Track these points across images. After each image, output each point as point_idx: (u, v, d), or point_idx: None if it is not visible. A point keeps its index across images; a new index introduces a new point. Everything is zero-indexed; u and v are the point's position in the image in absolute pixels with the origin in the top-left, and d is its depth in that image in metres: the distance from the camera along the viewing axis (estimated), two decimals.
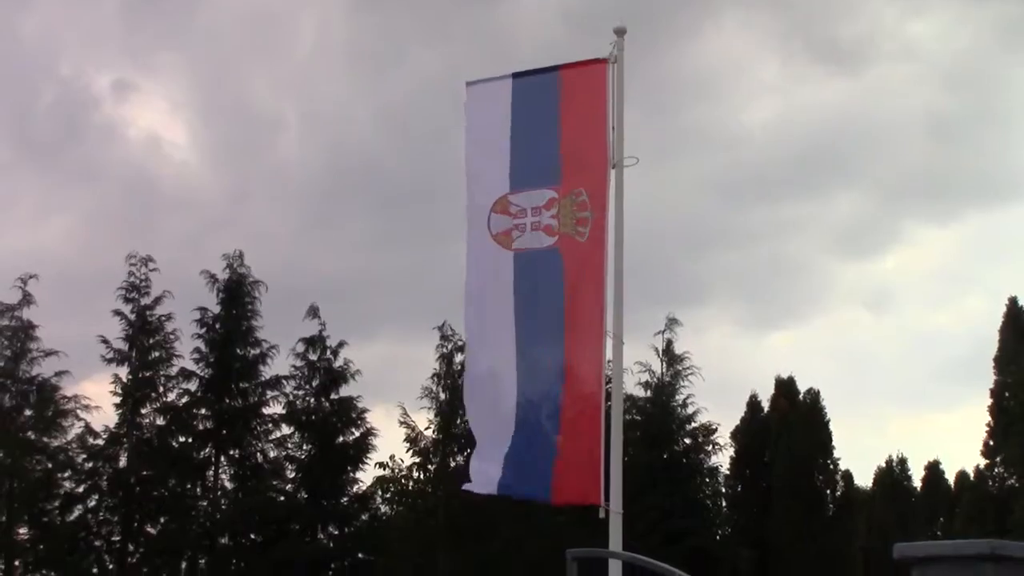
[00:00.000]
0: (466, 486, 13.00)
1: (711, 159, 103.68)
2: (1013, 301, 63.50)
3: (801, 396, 61.45)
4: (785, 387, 61.69)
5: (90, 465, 42.08)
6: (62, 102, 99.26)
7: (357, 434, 45.07)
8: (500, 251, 12.86)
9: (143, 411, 42.86)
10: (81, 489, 42.10)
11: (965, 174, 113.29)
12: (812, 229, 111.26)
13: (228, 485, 43.96)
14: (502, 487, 12.66)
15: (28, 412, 41.49)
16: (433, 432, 45.82)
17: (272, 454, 44.34)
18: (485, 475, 12.76)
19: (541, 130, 13.09)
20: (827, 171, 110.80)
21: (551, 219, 12.71)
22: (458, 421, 45.86)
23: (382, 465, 45.82)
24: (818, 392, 61.60)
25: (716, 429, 49.99)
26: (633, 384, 48.27)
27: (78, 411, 41.90)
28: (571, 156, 12.93)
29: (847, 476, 64.46)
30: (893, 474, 78.29)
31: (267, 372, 44.55)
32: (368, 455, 45.17)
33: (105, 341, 42.46)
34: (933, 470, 79.62)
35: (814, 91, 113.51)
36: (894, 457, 78.98)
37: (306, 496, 44.30)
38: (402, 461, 46.17)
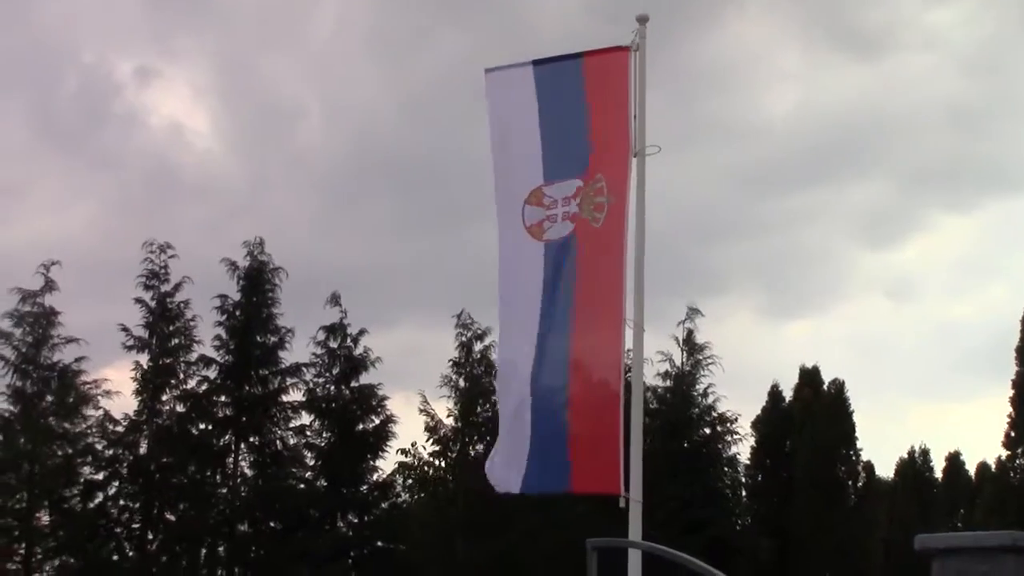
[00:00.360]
0: (497, 487, 12.91)
1: (732, 147, 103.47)
2: None
3: (825, 386, 61.32)
4: (809, 377, 61.56)
5: (110, 452, 42.15)
6: (85, 89, 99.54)
7: (377, 422, 45.11)
8: (533, 243, 12.73)
9: (163, 398, 42.94)
10: (101, 476, 42.21)
11: (987, 162, 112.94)
12: (833, 218, 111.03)
13: (247, 472, 44.02)
14: (526, 485, 12.59)
15: (49, 398, 41.53)
16: (453, 421, 45.86)
17: (292, 441, 44.37)
18: (506, 474, 12.68)
19: (570, 119, 12.96)
20: (848, 160, 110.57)
21: (576, 207, 12.64)
22: (478, 410, 45.93)
23: (403, 452, 45.92)
24: (843, 382, 61.52)
25: (736, 419, 49.86)
26: (653, 374, 48.23)
27: (99, 397, 41.98)
28: (599, 144, 12.83)
29: (869, 467, 64.34)
30: (915, 465, 78.14)
31: (287, 359, 44.62)
32: (388, 443, 45.24)
33: (125, 329, 42.57)
34: (953, 461, 79.46)
35: (835, 79, 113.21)
36: (916, 448, 78.87)
37: (325, 484, 44.34)
38: (423, 449, 46.29)
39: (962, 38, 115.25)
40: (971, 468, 79.01)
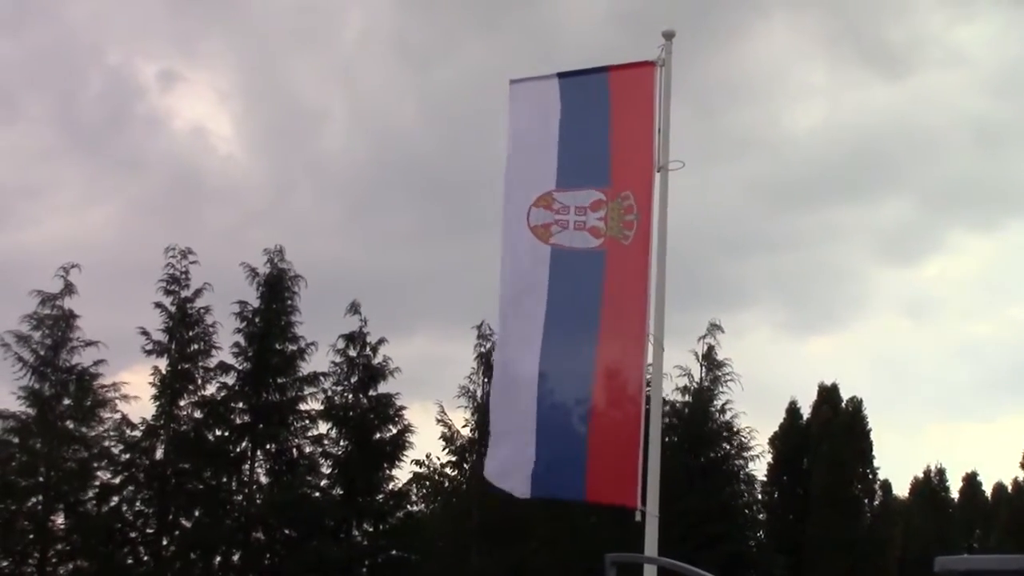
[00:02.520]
0: (505, 487, 12.87)
1: (756, 162, 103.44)
2: None
3: (844, 404, 61.16)
4: (828, 394, 61.43)
5: (127, 456, 42.13)
6: (109, 91, 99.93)
7: (394, 431, 45.02)
8: (536, 243, 12.74)
9: (181, 403, 42.91)
10: (117, 480, 42.17)
11: (1010, 183, 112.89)
12: (855, 235, 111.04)
13: (263, 480, 43.97)
14: (536, 489, 12.56)
15: (66, 401, 41.53)
16: (470, 431, 45.82)
17: (308, 450, 44.31)
18: (511, 477, 12.66)
19: (592, 130, 12.97)
20: (871, 177, 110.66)
21: (598, 221, 12.59)
22: None
23: (419, 463, 45.91)
24: (861, 400, 61.41)
25: (755, 437, 49.77)
26: (671, 388, 48.14)
27: (116, 400, 41.97)
28: (621, 158, 12.82)
29: (886, 485, 64.13)
30: (931, 484, 77.85)
31: (305, 368, 44.56)
32: (404, 452, 45.18)
33: (145, 333, 42.58)
34: (971, 481, 79.16)
35: (860, 95, 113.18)
36: (932, 467, 78.58)
37: (341, 492, 44.27)
38: (439, 459, 46.27)
39: (987, 56, 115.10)
40: (988, 488, 78.76)
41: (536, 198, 12.79)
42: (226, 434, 43.60)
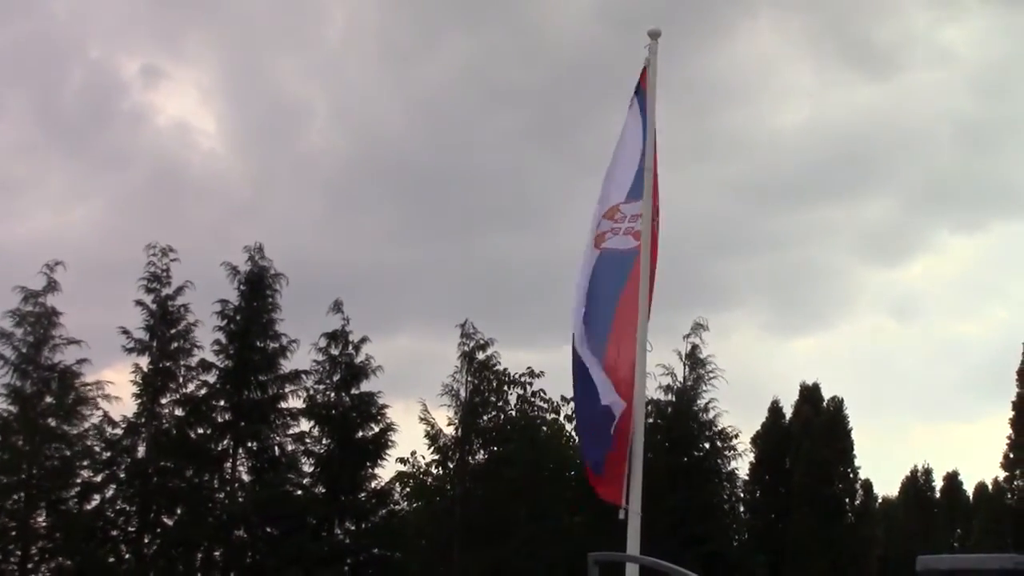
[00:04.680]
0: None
1: (741, 162, 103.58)
2: None
3: (825, 403, 61.31)
4: (810, 394, 61.58)
5: (108, 455, 42.05)
6: (91, 86, 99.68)
7: (376, 430, 45.00)
8: (593, 251, 12.91)
9: (162, 401, 42.84)
10: (99, 479, 42.09)
11: (995, 183, 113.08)
12: (839, 234, 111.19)
13: (245, 478, 43.91)
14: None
15: (48, 399, 41.43)
16: (454, 430, 45.87)
17: (290, 448, 44.28)
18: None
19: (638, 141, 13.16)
20: (856, 176, 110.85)
21: (638, 225, 12.81)
22: (479, 422, 45.98)
23: (403, 461, 45.95)
24: (842, 400, 61.53)
25: (737, 435, 49.89)
26: (655, 387, 48.24)
27: (98, 398, 41.88)
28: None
29: (867, 485, 64.30)
30: (917, 484, 78.11)
31: (287, 366, 44.52)
32: (387, 451, 45.16)
33: (126, 331, 42.48)
34: (952, 481, 79.39)
35: (845, 95, 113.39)
36: (919, 467, 78.81)
37: (323, 490, 44.26)
38: (423, 458, 46.31)
39: (973, 56, 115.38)
40: (969, 488, 79.01)
41: (607, 209, 12.98)
42: (208, 432, 43.53)
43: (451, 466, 46.18)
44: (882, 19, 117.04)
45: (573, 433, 52.39)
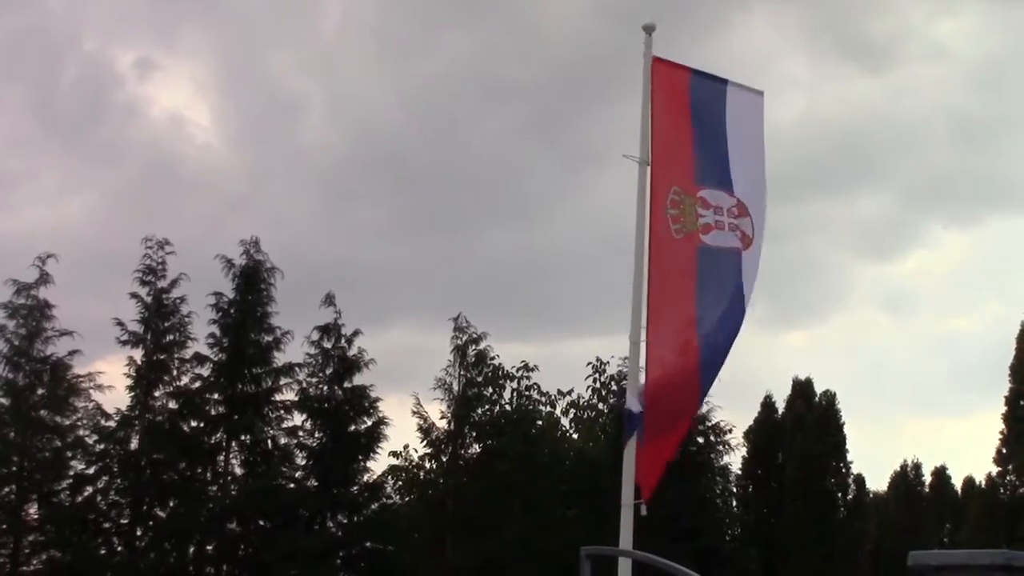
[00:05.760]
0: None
1: None
2: None
3: (817, 398, 61.33)
4: (802, 388, 61.58)
5: (101, 447, 42.03)
6: (86, 79, 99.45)
7: (369, 423, 44.99)
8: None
9: (156, 394, 42.80)
10: (92, 470, 42.06)
11: (989, 178, 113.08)
12: (833, 229, 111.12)
13: (238, 471, 43.91)
14: None
15: (41, 391, 41.40)
16: (446, 423, 45.86)
17: (283, 441, 44.27)
18: None
19: (715, 133, 13.41)
20: (850, 170, 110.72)
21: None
22: (472, 415, 45.99)
23: (395, 454, 45.97)
24: (834, 395, 61.52)
25: (731, 430, 49.96)
26: None
27: (91, 390, 41.87)
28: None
29: (859, 479, 64.32)
30: (907, 479, 78.17)
31: (281, 359, 44.51)
32: (380, 444, 45.17)
33: (120, 323, 42.46)
34: (940, 475, 79.48)
35: (840, 89, 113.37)
36: (909, 462, 78.90)
37: (316, 484, 44.24)
38: (415, 451, 46.32)
39: (968, 50, 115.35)
40: (957, 482, 79.12)
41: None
42: (201, 425, 43.52)
43: (444, 459, 46.18)
44: (877, 13, 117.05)
45: (568, 426, 52.61)
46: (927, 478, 79.00)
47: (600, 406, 52.50)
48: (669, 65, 13.21)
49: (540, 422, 49.35)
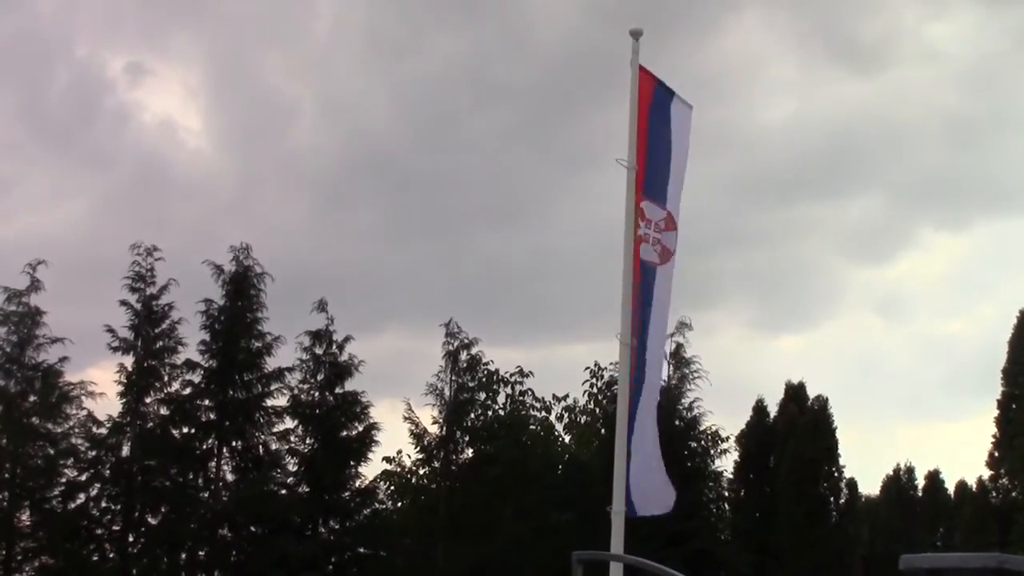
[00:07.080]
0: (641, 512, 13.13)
1: (727, 158, 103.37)
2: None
3: (810, 402, 61.32)
4: (795, 392, 61.56)
5: (93, 453, 41.97)
6: (77, 84, 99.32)
7: (360, 428, 44.94)
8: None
9: (147, 400, 42.75)
10: (84, 477, 42.01)
11: (981, 180, 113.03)
12: (825, 232, 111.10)
13: (229, 477, 43.85)
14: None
15: (33, 398, 41.34)
16: (438, 428, 45.83)
17: (274, 447, 44.22)
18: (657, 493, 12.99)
19: (664, 147, 13.53)
20: (842, 173, 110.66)
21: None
22: (464, 420, 45.97)
23: (389, 460, 45.95)
24: (827, 399, 61.51)
25: (727, 439, 50.07)
26: None
27: (83, 397, 41.82)
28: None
29: (852, 483, 64.33)
30: (900, 483, 78.15)
31: (272, 364, 44.45)
32: (371, 450, 45.11)
33: (111, 330, 42.38)
34: (933, 479, 79.47)
35: (832, 91, 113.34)
36: (901, 465, 78.89)
37: (307, 490, 44.20)
38: (408, 457, 46.30)
39: (960, 52, 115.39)
40: (950, 486, 79.16)
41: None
42: (192, 431, 43.47)
43: (436, 465, 46.16)
44: (868, 15, 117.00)
45: (561, 432, 52.63)
46: (920, 482, 78.93)
47: (597, 411, 52.47)
48: (646, 73, 13.24)
49: (534, 427, 49.35)
